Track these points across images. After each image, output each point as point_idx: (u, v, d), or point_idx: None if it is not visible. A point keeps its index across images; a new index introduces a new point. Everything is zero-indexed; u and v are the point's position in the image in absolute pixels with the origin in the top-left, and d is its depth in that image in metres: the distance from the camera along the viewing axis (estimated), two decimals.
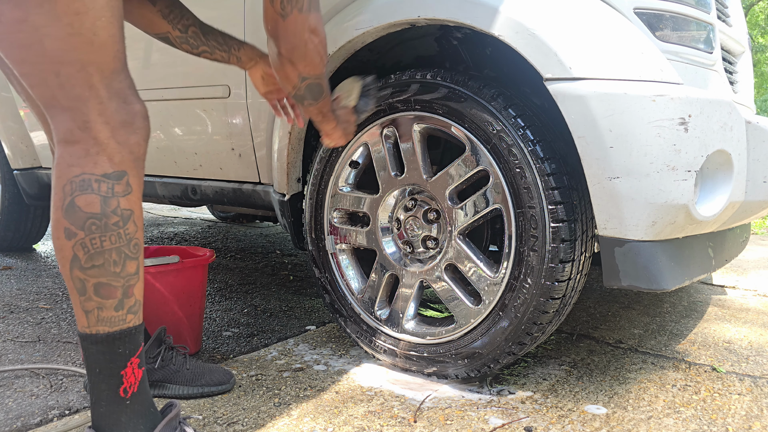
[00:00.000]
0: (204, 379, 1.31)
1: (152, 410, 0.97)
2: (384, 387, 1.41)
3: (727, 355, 1.65)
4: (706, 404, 1.33)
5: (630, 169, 1.12)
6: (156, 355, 1.32)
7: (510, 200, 1.28)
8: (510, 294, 1.29)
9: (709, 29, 1.38)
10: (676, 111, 1.11)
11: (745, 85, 1.71)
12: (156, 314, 1.49)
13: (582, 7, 1.22)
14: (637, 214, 1.14)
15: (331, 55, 1.48)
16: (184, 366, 1.32)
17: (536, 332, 1.30)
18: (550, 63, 1.16)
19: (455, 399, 1.35)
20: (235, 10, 1.73)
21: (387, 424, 1.22)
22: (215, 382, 1.32)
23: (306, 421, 1.22)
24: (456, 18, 1.27)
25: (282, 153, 1.65)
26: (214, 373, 1.34)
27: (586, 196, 1.24)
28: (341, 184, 1.57)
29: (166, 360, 1.31)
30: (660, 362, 1.59)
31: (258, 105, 1.72)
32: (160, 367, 1.31)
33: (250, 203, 1.89)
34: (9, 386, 1.40)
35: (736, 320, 2.01)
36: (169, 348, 1.35)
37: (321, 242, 1.62)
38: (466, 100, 1.31)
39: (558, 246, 1.22)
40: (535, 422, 1.23)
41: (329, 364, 1.55)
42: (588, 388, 1.41)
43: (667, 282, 1.18)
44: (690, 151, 1.11)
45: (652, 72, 1.17)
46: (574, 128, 1.15)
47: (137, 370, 0.93)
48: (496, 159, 1.28)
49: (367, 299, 1.56)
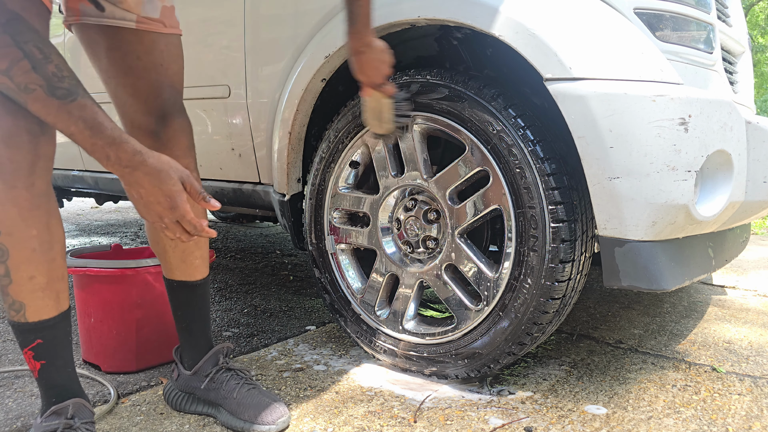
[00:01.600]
0: (248, 414, 1.18)
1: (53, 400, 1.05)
2: (384, 387, 1.41)
3: (727, 356, 1.65)
4: (706, 404, 1.33)
5: (630, 169, 1.12)
6: (207, 375, 1.25)
7: (510, 200, 1.28)
8: (510, 294, 1.29)
9: (709, 29, 1.38)
10: (676, 111, 1.11)
11: (745, 85, 1.71)
12: (156, 314, 1.49)
13: (582, 7, 1.22)
14: (637, 214, 1.14)
15: (331, 55, 1.48)
16: (233, 393, 1.21)
17: (536, 332, 1.30)
18: (550, 63, 1.16)
19: (455, 399, 1.35)
20: (235, 10, 1.73)
21: (387, 424, 1.22)
22: (259, 421, 1.17)
23: (306, 421, 1.22)
24: (456, 18, 1.27)
25: (282, 153, 1.65)
26: (260, 409, 1.19)
27: (586, 196, 1.24)
28: (341, 185, 1.57)
29: (217, 382, 1.24)
30: (660, 362, 1.59)
31: (258, 105, 1.72)
32: (207, 388, 1.24)
33: (250, 203, 1.89)
34: (9, 386, 1.40)
35: (736, 320, 2.01)
36: (224, 370, 1.26)
37: (321, 242, 1.62)
38: (466, 101, 1.31)
39: (558, 246, 1.22)
40: (535, 422, 1.23)
41: (329, 365, 1.55)
42: (588, 388, 1.41)
43: (667, 282, 1.18)
44: (690, 151, 1.11)
45: (652, 72, 1.17)
46: (574, 128, 1.15)
47: (33, 362, 1.02)
48: (496, 159, 1.28)
49: (367, 299, 1.56)
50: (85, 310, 1.48)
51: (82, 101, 0.87)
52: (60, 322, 1.03)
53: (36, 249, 0.97)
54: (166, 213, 0.94)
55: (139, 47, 1.13)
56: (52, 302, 1.01)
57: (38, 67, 0.85)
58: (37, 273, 0.98)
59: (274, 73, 1.66)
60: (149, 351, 1.50)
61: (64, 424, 1.02)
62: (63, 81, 0.86)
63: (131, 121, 1.15)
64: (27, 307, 0.99)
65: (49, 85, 0.85)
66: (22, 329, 1.01)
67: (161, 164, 0.92)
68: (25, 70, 0.84)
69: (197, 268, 1.25)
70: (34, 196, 0.95)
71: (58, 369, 1.05)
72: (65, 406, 1.03)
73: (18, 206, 0.93)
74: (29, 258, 0.96)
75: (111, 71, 1.13)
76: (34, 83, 0.84)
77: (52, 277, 1.00)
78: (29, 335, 1.01)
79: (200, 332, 1.28)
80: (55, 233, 0.99)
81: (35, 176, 0.95)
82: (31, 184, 0.94)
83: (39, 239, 0.97)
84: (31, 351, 1.01)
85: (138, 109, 1.14)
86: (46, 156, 0.96)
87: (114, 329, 1.46)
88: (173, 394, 1.28)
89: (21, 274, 0.96)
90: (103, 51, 1.13)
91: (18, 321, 1.00)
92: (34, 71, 0.84)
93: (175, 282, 1.25)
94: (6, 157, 0.92)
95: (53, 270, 1.00)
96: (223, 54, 1.78)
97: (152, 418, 1.24)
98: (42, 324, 1.00)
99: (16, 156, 0.92)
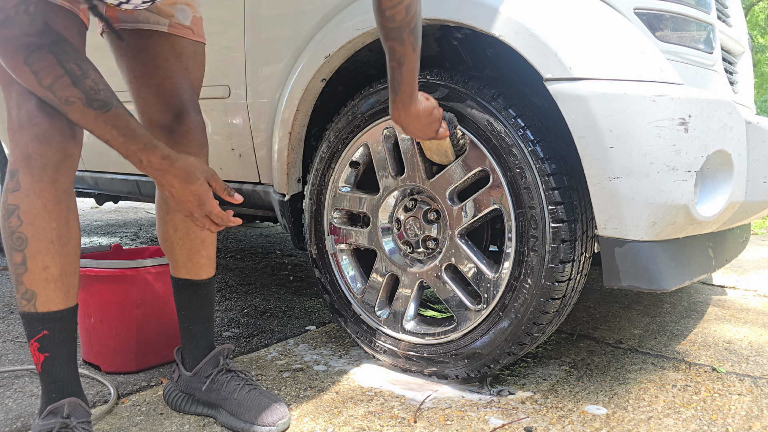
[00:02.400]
0: (249, 415, 1.18)
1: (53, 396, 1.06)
2: (384, 387, 1.41)
3: (728, 356, 1.65)
4: (706, 404, 1.33)
5: (630, 169, 1.12)
6: (208, 376, 1.25)
7: (510, 200, 1.28)
8: (510, 294, 1.29)
9: (709, 29, 1.38)
10: (677, 111, 1.11)
11: (745, 85, 1.71)
12: (156, 314, 1.49)
13: (582, 7, 1.22)
14: (637, 214, 1.14)
15: (331, 55, 1.48)
16: (234, 394, 1.21)
17: (536, 332, 1.30)
18: (550, 63, 1.16)
19: (455, 399, 1.35)
20: (235, 10, 1.73)
21: (387, 425, 1.22)
22: (259, 422, 1.17)
23: (306, 422, 1.22)
24: (456, 18, 1.27)
25: (282, 153, 1.65)
26: (261, 410, 1.19)
27: (586, 197, 1.24)
28: (341, 185, 1.57)
29: (217, 383, 1.24)
30: (660, 362, 1.59)
31: (258, 105, 1.72)
32: (208, 389, 1.24)
33: (250, 203, 1.89)
34: (9, 386, 1.40)
35: (736, 320, 2.01)
36: (225, 371, 1.26)
37: (321, 242, 1.62)
38: (466, 101, 1.31)
39: (558, 246, 1.22)
40: (535, 422, 1.23)
41: (329, 365, 1.55)
42: (588, 389, 1.41)
43: (667, 282, 1.18)
44: (690, 151, 1.11)
45: (652, 72, 1.17)
46: (574, 128, 1.15)
47: (38, 354, 1.04)
48: (497, 159, 1.28)
49: (367, 300, 1.56)
50: (85, 310, 1.48)
51: (115, 111, 0.96)
52: (67, 316, 1.06)
53: (54, 241, 1.02)
54: (195, 209, 1.05)
55: (169, 50, 1.20)
56: (62, 295, 1.04)
57: (77, 82, 0.94)
58: (52, 264, 1.02)
59: (274, 73, 1.66)
60: (149, 351, 1.50)
61: (61, 423, 1.03)
62: (99, 93, 0.95)
63: (150, 118, 1.20)
64: (38, 297, 1.02)
65: (87, 98, 0.94)
66: (30, 319, 1.04)
67: (189, 166, 1.03)
68: (66, 85, 0.93)
69: (203, 267, 1.27)
70: (58, 192, 1.01)
71: (61, 364, 1.06)
72: (60, 406, 1.04)
73: (43, 198, 1.00)
74: (46, 248, 1.01)
75: (138, 71, 1.19)
76: (74, 96, 0.94)
77: (66, 270, 1.04)
78: (37, 325, 1.04)
79: (202, 333, 1.28)
80: (72, 229, 1.05)
81: (60, 173, 1.01)
82: (56, 179, 1.00)
83: (57, 232, 1.02)
84: (37, 342, 1.04)
85: (158, 108, 1.19)
86: (73, 156, 1.03)
87: (114, 329, 1.46)
88: (173, 394, 1.28)
89: (36, 263, 1.01)
90: (133, 52, 1.19)
91: (28, 311, 1.03)
92: (74, 86, 0.94)
93: (180, 280, 1.27)
94: (37, 153, 0.98)
95: (67, 264, 1.04)
96: (223, 54, 1.78)
97: (152, 419, 1.24)
98: (50, 315, 1.03)
99: (47, 152, 0.99)
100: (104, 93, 0.96)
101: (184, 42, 1.22)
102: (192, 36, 1.23)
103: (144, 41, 1.18)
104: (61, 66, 0.92)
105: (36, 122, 0.98)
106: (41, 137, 0.98)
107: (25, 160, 0.98)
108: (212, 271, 1.29)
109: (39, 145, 0.98)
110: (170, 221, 1.22)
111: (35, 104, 0.98)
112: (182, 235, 1.23)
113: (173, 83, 1.20)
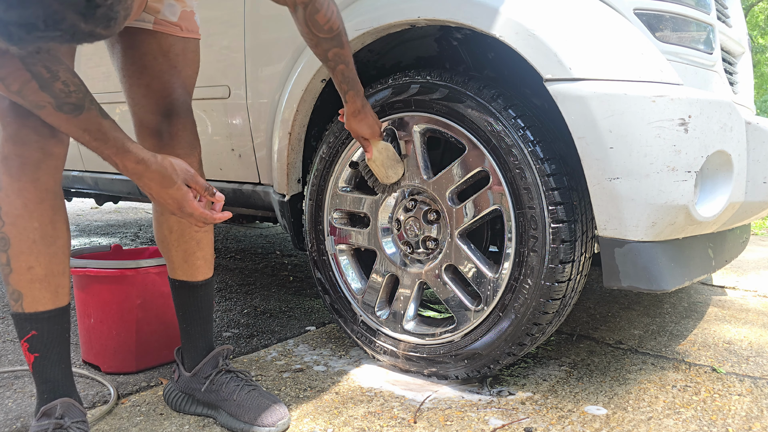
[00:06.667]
0: (248, 415, 1.18)
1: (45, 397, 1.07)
2: (384, 388, 1.41)
3: (727, 356, 1.65)
4: (706, 405, 1.33)
5: (630, 169, 1.12)
6: (207, 377, 1.25)
7: (510, 201, 1.27)
8: (510, 295, 1.29)
9: (709, 30, 1.38)
10: (676, 112, 1.11)
11: (745, 85, 1.71)
12: (156, 315, 1.49)
13: (582, 7, 1.23)
14: (637, 214, 1.14)
15: None
16: (233, 395, 1.21)
17: (536, 333, 1.30)
18: (550, 64, 1.16)
19: (455, 400, 1.35)
20: (235, 10, 1.73)
21: (387, 425, 1.22)
22: (259, 423, 1.16)
23: (306, 422, 1.22)
24: (456, 19, 1.27)
25: (282, 153, 1.65)
26: (260, 410, 1.18)
27: (586, 197, 1.24)
28: (341, 185, 1.57)
29: (217, 384, 1.23)
30: (660, 363, 1.59)
31: (258, 105, 1.72)
32: (208, 390, 1.24)
33: (250, 204, 1.89)
34: (9, 386, 1.40)
35: (736, 321, 2.01)
36: (224, 372, 1.26)
37: (321, 243, 1.62)
38: (466, 101, 1.31)
39: (558, 247, 1.22)
40: (535, 423, 1.23)
41: (329, 365, 1.55)
42: (588, 389, 1.41)
43: (667, 283, 1.18)
44: (690, 151, 1.11)
45: (652, 73, 1.17)
46: (574, 129, 1.15)
47: (28, 354, 1.05)
48: (496, 159, 1.28)
49: (367, 300, 1.56)
50: (85, 310, 1.48)
51: (87, 114, 0.93)
52: (56, 316, 1.05)
53: (36, 241, 1.01)
54: (176, 211, 1.04)
55: (156, 48, 1.17)
56: (49, 295, 1.04)
57: (45, 86, 0.90)
58: (36, 264, 1.01)
59: (274, 73, 1.66)
60: (149, 351, 1.50)
61: (54, 424, 1.03)
62: (70, 96, 0.92)
63: (139, 119, 1.19)
64: (24, 297, 1.03)
65: (57, 101, 0.91)
66: (19, 319, 1.04)
67: (165, 170, 1.00)
68: (34, 90, 0.90)
69: (199, 269, 1.26)
70: (40, 191, 1.00)
71: (52, 364, 1.06)
72: (53, 407, 1.04)
73: (23, 198, 0.99)
74: (29, 249, 1.01)
75: (127, 70, 1.18)
76: (44, 101, 0.91)
77: (52, 271, 1.03)
78: (25, 325, 1.04)
79: (200, 334, 1.28)
80: (59, 229, 1.04)
81: (41, 172, 1.00)
82: (36, 179, 0.99)
83: (41, 232, 1.01)
84: (27, 342, 1.05)
85: (148, 109, 1.18)
86: (55, 156, 1.02)
87: (114, 329, 1.46)
88: (173, 394, 1.28)
89: (20, 264, 1.01)
90: (121, 50, 1.18)
91: (16, 311, 1.04)
92: (42, 90, 0.90)
93: (177, 282, 1.27)
94: (13, 153, 0.98)
95: (53, 264, 1.03)
96: (223, 54, 1.78)
97: (152, 419, 1.24)
98: (37, 315, 1.03)
99: (23, 152, 0.98)
100: (76, 96, 0.92)
101: (172, 39, 1.18)
102: (180, 33, 1.19)
103: (131, 39, 1.16)
104: (27, 70, 0.89)
105: (7, 122, 0.98)
106: (15, 137, 0.98)
107: (3, 161, 0.98)
108: (209, 272, 1.28)
109: (14, 146, 0.98)
110: (165, 223, 1.22)
111: (7, 105, 0.98)
112: (177, 237, 1.22)
113: (162, 83, 1.17)
